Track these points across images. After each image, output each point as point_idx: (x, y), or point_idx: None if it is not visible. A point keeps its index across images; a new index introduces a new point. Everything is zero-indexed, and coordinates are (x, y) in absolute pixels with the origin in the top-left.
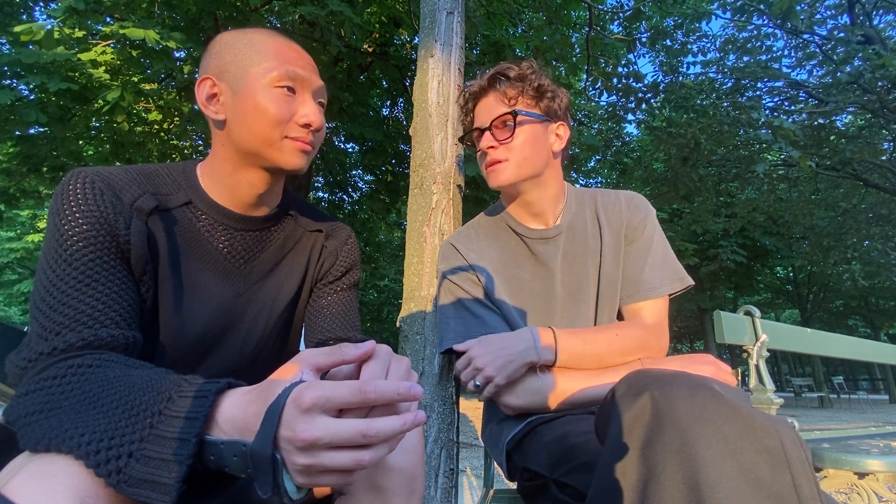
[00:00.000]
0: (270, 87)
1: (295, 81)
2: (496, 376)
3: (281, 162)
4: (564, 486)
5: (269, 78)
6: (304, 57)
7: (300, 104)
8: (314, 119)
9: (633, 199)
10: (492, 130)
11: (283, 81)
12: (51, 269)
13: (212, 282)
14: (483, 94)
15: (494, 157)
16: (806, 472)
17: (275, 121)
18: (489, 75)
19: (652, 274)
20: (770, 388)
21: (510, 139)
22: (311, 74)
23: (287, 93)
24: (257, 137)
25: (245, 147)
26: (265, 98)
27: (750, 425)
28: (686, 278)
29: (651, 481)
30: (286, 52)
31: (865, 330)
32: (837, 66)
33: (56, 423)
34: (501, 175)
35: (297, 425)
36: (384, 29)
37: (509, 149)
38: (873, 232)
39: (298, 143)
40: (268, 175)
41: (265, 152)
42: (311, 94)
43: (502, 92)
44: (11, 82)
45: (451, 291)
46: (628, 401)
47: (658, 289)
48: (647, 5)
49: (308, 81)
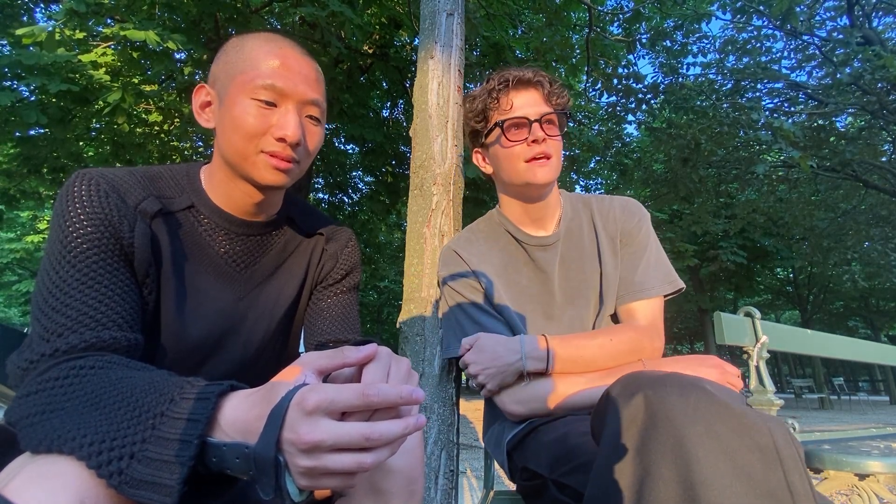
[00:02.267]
0: (248, 98)
1: (275, 94)
2: (488, 384)
3: (255, 177)
4: (563, 486)
5: (247, 88)
6: (294, 66)
7: (279, 116)
8: (291, 133)
9: (628, 204)
10: (542, 124)
11: (261, 94)
12: (54, 270)
13: (213, 286)
14: (525, 87)
15: (545, 151)
16: (798, 469)
17: (248, 134)
18: (535, 72)
19: (644, 275)
20: (770, 389)
21: (559, 137)
22: (298, 86)
23: (264, 105)
24: (234, 150)
25: (227, 159)
26: (241, 110)
27: (742, 424)
28: (677, 281)
29: (646, 481)
30: (271, 62)
31: (866, 331)
32: (837, 67)
33: (58, 425)
34: (550, 170)
35: (301, 428)
36: (384, 30)
37: (556, 148)
38: (873, 233)
39: (274, 159)
40: (258, 191)
41: (241, 166)
42: (294, 106)
43: (548, 93)
44: (12, 84)
45: (452, 298)
46: (622, 401)
47: (650, 290)
48: (646, 6)
49: (291, 93)
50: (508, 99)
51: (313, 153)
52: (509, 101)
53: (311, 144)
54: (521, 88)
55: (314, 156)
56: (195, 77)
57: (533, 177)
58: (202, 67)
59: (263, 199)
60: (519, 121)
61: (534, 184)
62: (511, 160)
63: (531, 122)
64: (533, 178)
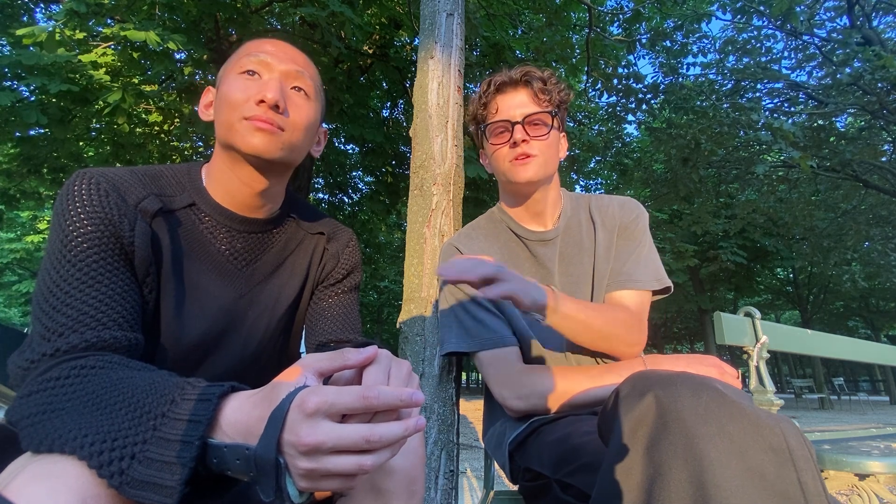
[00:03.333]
0: (235, 74)
1: (258, 64)
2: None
3: (241, 145)
4: (567, 486)
5: (235, 67)
6: (281, 46)
7: (261, 84)
8: (270, 96)
9: (627, 202)
10: (524, 125)
11: (245, 66)
12: (54, 270)
13: (213, 284)
14: (512, 88)
15: (527, 151)
16: (811, 469)
17: (233, 104)
18: (522, 72)
19: (633, 268)
20: (770, 389)
21: (546, 137)
22: (283, 60)
23: (248, 76)
24: (223, 126)
25: (220, 139)
26: (227, 86)
27: (754, 424)
28: (665, 279)
29: (657, 481)
30: (260, 45)
31: (866, 331)
32: (837, 67)
33: (59, 425)
34: (531, 169)
35: (301, 430)
36: (384, 30)
37: (541, 146)
38: (873, 233)
39: (254, 121)
40: (254, 171)
41: (230, 138)
42: (277, 76)
43: (536, 91)
44: (12, 84)
45: (451, 294)
46: (632, 401)
47: (637, 281)
48: (646, 6)
49: (274, 64)
50: (494, 103)
51: (302, 127)
52: (495, 104)
53: (298, 116)
54: (507, 91)
55: (305, 132)
56: (195, 77)
57: (515, 175)
58: (202, 67)
59: (264, 187)
60: (501, 125)
61: (516, 182)
62: (497, 161)
63: (512, 124)
64: (515, 176)
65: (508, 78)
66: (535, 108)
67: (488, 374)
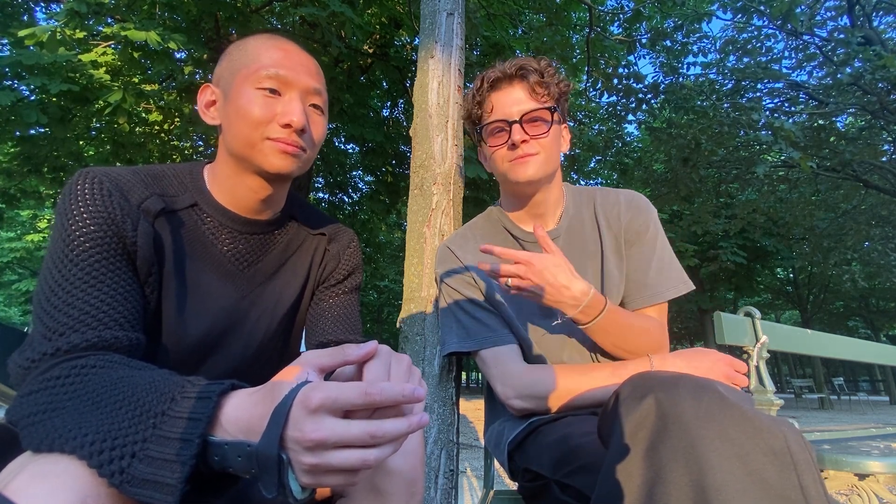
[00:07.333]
0: (252, 88)
1: (278, 82)
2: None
3: (264, 164)
4: (566, 487)
5: (252, 79)
6: (296, 58)
7: (284, 104)
8: (296, 119)
9: (633, 199)
10: (523, 124)
11: (265, 83)
12: (56, 269)
13: (215, 284)
14: (507, 83)
15: (527, 151)
16: (812, 472)
17: (255, 122)
18: (517, 66)
19: (658, 278)
20: (770, 389)
21: (546, 134)
22: (301, 75)
23: (268, 94)
24: (241, 140)
25: (234, 151)
26: (247, 100)
27: (755, 427)
28: (688, 282)
29: (657, 484)
30: (273, 53)
31: (866, 331)
32: (837, 67)
33: (59, 424)
34: (531, 168)
35: (306, 426)
36: (384, 30)
37: (541, 144)
38: (873, 233)
39: (279, 143)
40: (263, 181)
41: (249, 155)
42: (297, 95)
43: (533, 85)
44: (12, 83)
45: (449, 295)
46: (633, 403)
47: (664, 293)
48: (646, 6)
49: (294, 82)
50: (490, 101)
51: (318, 143)
52: (490, 102)
53: (315, 134)
54: (503, 87)
55: (318, 147)
56: (195, 76)
57: (514, 175)
58: (202, 67)
59: (269, 194)
60: (498, 125)
61: (517, 181)
62: (496, 162)
63: (510, 124)
64: (514, 176)
65: (503, 73)
66: (533, 105)
67: (490, 373)
